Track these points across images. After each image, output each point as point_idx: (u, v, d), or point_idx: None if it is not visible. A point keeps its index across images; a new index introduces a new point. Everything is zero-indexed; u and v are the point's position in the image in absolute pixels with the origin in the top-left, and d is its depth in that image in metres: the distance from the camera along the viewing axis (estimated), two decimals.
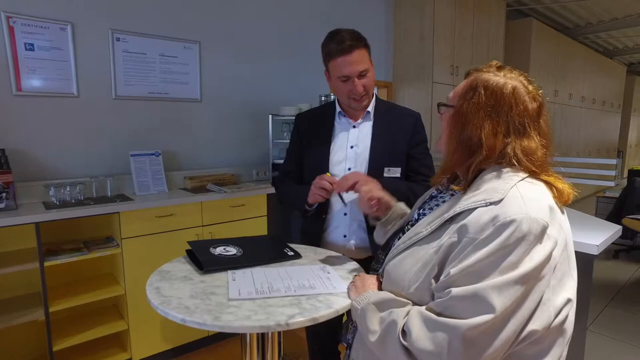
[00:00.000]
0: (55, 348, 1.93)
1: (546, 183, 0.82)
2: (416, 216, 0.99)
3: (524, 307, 0.71)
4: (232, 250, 1.31)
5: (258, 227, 2.58)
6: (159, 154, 2.49)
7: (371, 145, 1.49)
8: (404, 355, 0.75)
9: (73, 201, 2.11)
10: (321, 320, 0.92)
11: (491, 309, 0.68)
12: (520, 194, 0.76)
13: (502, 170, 0.81)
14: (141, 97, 2.51)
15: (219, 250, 1.29)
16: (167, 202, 2.22)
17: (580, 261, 0.89)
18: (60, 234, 2.12)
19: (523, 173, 0.81)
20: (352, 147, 1.51)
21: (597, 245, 1.59)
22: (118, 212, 2.04)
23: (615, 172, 5.04)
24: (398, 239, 0.96)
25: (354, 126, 1.53)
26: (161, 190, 2.44)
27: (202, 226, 2.35)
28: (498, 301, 0.69)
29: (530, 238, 0.71)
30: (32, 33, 2.11)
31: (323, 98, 2.89)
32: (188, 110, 2.72)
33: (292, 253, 1.33)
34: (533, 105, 0.83)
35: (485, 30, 4.37)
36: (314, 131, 1.57)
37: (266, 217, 2.62)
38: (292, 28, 3.18)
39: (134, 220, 2.10)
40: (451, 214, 0.81)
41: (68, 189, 2.13)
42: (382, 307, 0.84)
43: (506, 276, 0.70)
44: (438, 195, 0.99)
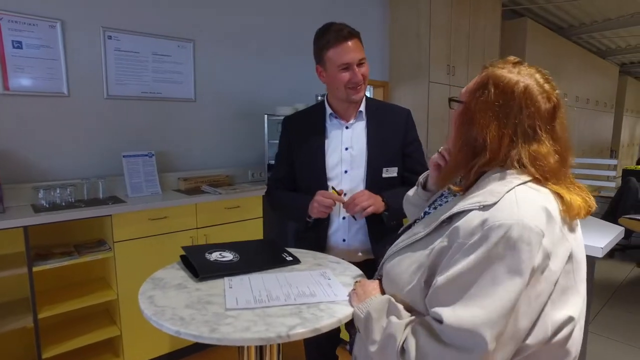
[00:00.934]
0: (44, 355, 1.87)
1: (554, 193, 0.76)
2: (422, 214, 0.97)
3: (520, 329, 0.69)
4: (229, 255, 1.26)
5: (254, 229, 2.54)
6: (152, 155, 2.44)
7: (367, 146, 1.46)
8: None
9: (63, 204, 2.05)
10: (323, 330, 0.88)
11: (484, 345, 0.66)
12: (516, 198, 0.71)
13: (507, 172, 0.77)
14: (134, 97, 2.45)
15: (215, 255, 1.25)
16: (161, 204, 2.17)
17: None
18: (50, 238, 2.06)
19: (527, 176, 0.76)
20: (347, 149, 1.47)
21: (602, 247, 1.56)
22: (110, 215, 1.99)
23: (615, 173, 5.06)
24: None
25: (347, 127, 1.49)
26: (154, 191, 2.38)
27: (197, 228, 2.30)
28: (489, 335, 0.66)
29: (520, 246, 0.66)
30: (20, 30, 2.04)
31: (319, 97, 2.85)
32: (182, 110, 2.67)
33: (291, 258, 1.29)
34: (547, 106, 0.78)
35: (481, 29, 4.36)
36: (305, 134, 1.51)
37: (262, 219, 2.57)
38: (288, 27, 3.14)
39: (127, 222, 2.04)
40: (447, 216, 0.79)
41: (58, 191, 2.06)
42: (383, 315, 0.82)
43: (493, 300, 0.66)
44: (448, 194, 0.96)
